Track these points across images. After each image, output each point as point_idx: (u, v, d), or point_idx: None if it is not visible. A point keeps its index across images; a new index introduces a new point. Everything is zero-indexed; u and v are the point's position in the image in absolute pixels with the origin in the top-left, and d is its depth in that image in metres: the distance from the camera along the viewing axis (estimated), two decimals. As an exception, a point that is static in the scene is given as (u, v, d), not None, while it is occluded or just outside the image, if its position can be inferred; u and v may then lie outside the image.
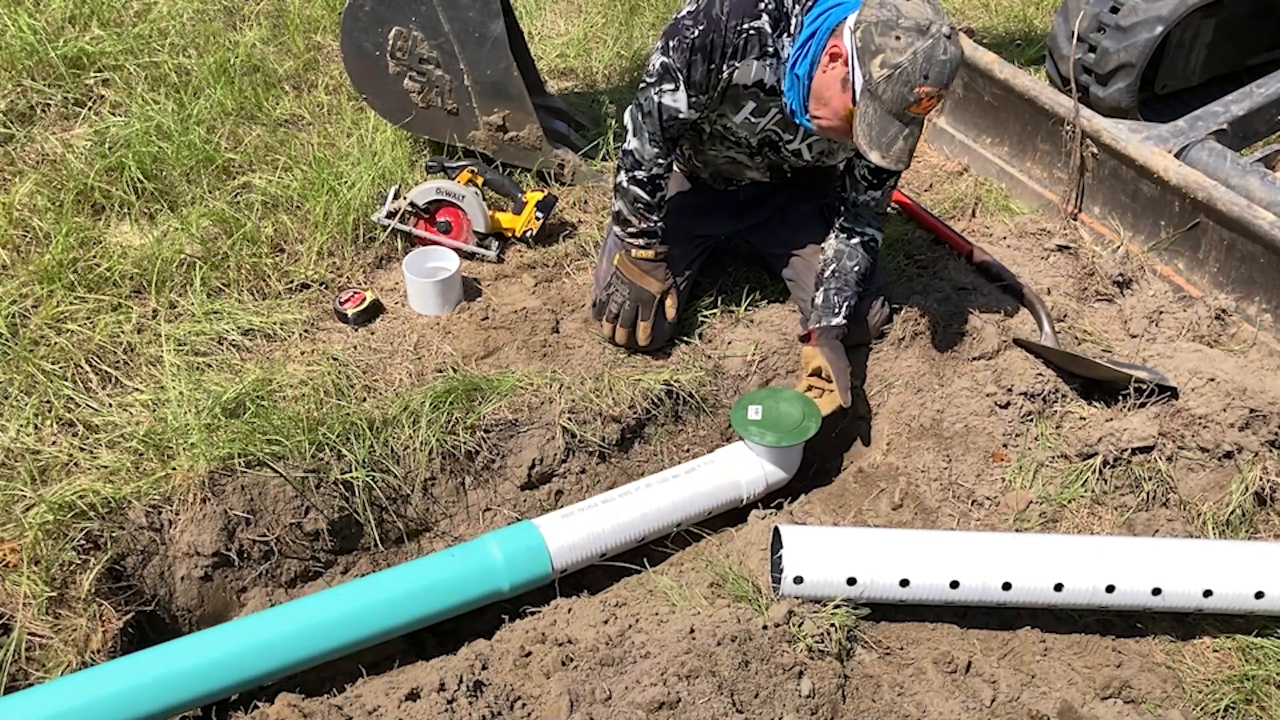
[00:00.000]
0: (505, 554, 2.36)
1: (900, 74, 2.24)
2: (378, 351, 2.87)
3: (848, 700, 2.17)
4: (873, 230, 2.81)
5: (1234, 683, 2.26)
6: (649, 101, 2.61)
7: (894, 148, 2.32)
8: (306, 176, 3.28)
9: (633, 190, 2.74)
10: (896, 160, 2.34)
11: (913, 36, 2.22)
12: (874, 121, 2.31)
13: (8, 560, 2.22)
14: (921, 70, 2.22)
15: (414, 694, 2.12)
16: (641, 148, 2.68)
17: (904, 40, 2.22)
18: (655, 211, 2.77)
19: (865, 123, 2.32)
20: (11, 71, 3.60)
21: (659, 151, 2.67)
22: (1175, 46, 3.52)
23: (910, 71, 2.23)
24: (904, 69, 2.23)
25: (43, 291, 2.83)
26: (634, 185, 2.73)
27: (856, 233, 2.80)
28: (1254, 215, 2.84)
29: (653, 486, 2.56)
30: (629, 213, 2.77)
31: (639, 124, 2.67)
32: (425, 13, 3.13)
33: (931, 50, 2.22)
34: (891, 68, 2.24)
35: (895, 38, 2.23)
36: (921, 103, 2.26)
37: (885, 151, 2.32)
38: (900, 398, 2.86)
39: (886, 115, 2.30)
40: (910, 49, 2.22)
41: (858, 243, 2.79)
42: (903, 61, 2.23)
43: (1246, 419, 2.51)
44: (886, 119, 2.30)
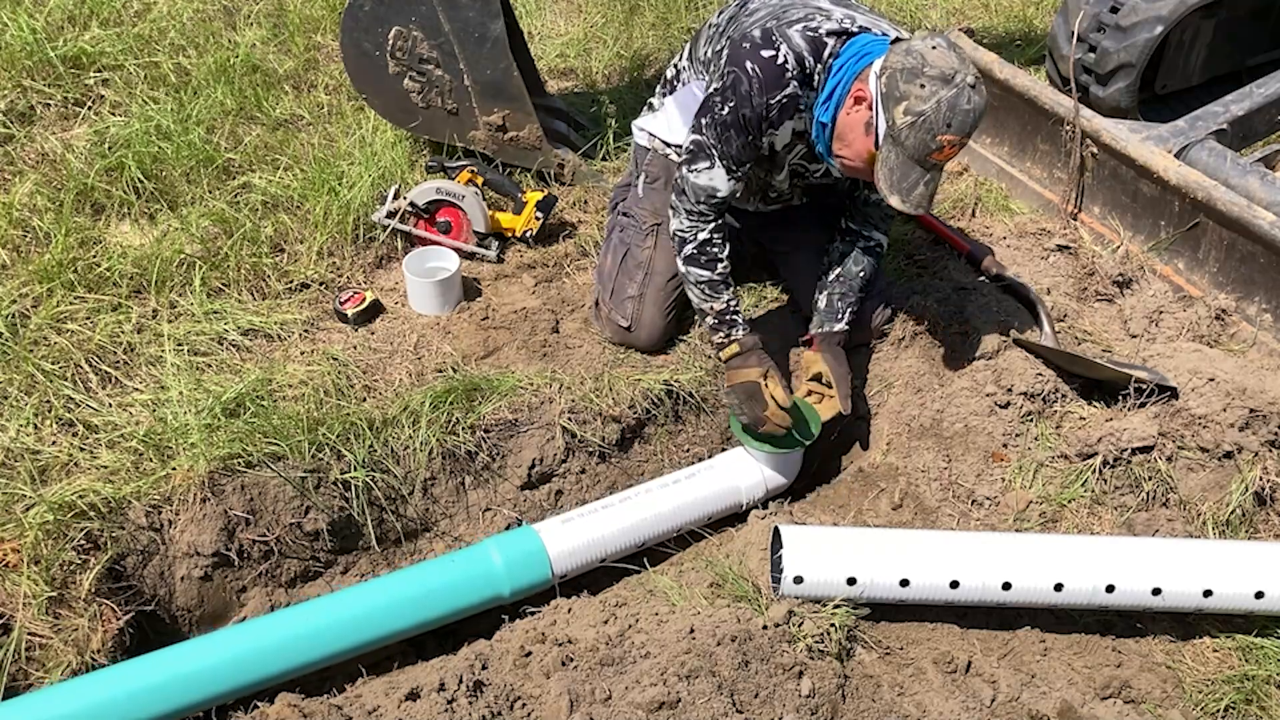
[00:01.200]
0: (506, 560, 2.37)
1: (924, 121, 2.24)
2: (378, 351, 2.87)
3: (848, 700, 2.17)
4: (879, 235, 2.81)
5: (1234, 683, 2.26)
6: (683, 180, 2.59)
7: (914, 193, 2.32)
8: (306, 176, 3.28)
9: (691, 271, 2.63)
10: (916, 206, 2.34)
11: (938, 85, 2.22)
12: (895, 167, 2.32)
13: (8, 560, 2.22)
14: (945, 119, 2.23)
15: (414, 694, 2.12)
16: (682, 225, 2.63)
17: (929, 89, 2.23)
18: (723, 289, 2.63)
19: (887, 167, 2.33)
20: (11, 71, 3.60)
21: (699, 222, 2.61)
22: (1175, 46, 3.52)
23: (934, 120, 2.23)
24: (927, 117, 2.23)
25: (43, 291, 2.83)
26: (690, 265, 2.63)
27: (862, 236, 2.79)
28: (1254, 215, 2.84)
29: (653, 492, 2.57)
30: (699, 300, 2.65)
31: (676, 205, 2.63)
32: (425, 13, 3.13)
33: (956, 99, 2.22)
34: (915, 115, 2.24)
35: (920, 85, 2.23)
36: (944, 150, 2.27)
37: (905, 197, 2.33)
38: (900, 398, 2.86)
39: (908, 161, 2.30)
40: (935, 98, 2.22)
41: (863, 247, 2.79)
42: (926, 110, 2.23)
43: (1246, 419, 2.51)
44: (908, 164, 2.30)
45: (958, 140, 2.26)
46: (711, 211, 2.60)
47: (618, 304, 2.89)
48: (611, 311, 2.89)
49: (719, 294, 2.63)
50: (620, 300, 2.89)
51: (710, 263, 2.62)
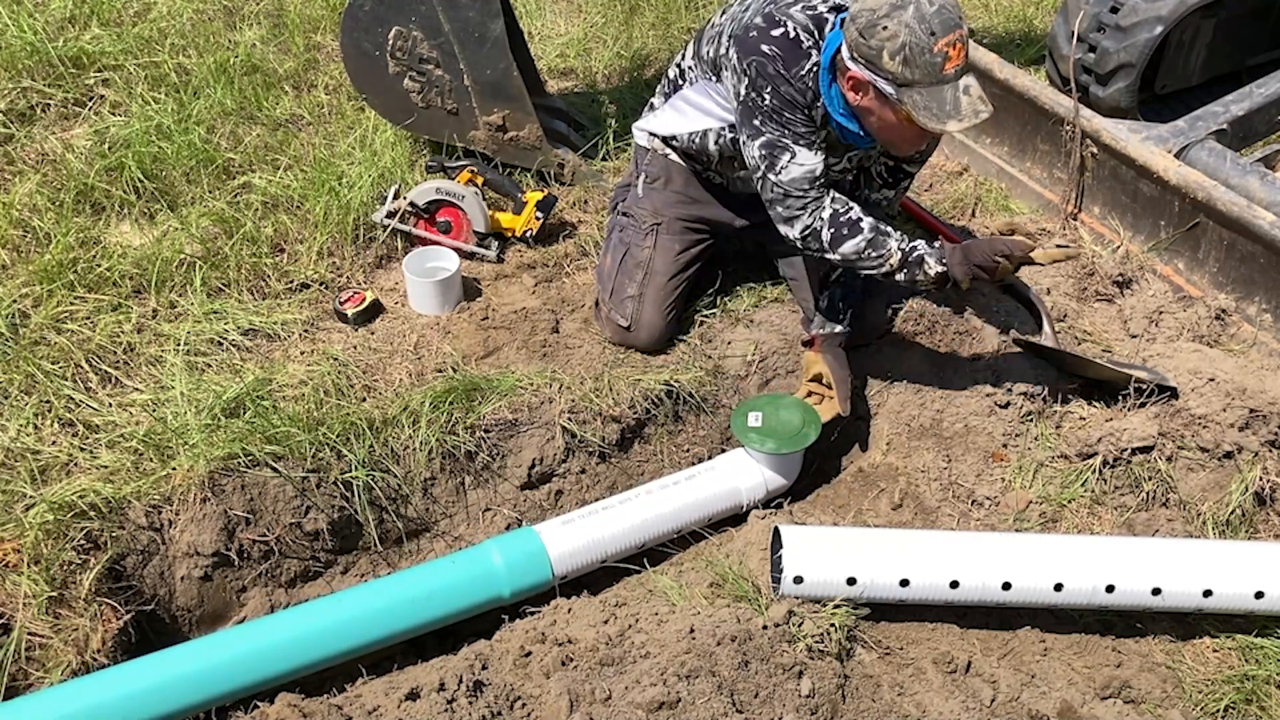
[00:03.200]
0: (506, 561, 2.37)
1: (913, 49, 2.20)
2: (378, 351, 2.87)
3: (848, 700, 2.17)
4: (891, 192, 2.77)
5: (1234, 683, 2.26)
6: (778, 187, 2.48)
7: (962, 107, 2.26)
8: (306, 176, 3.28)
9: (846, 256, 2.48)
10: (974, 114, 2.25)
11: (897, 14, 2.20)
12: (926, 102, 2.26)
13: (8, 560, 2.22)
14: (925, 31, 2.19)
15: (414, 694, 2.12)
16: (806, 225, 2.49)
17: (892, 24, 2.20)
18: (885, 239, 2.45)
19: (921, 109, 2.27)
20: (11, 71, 3.60)
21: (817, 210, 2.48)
22: (1175, 46, 3.52)
23: (918, 40, 2.20)
24: (910, 44, 2.20)
25: (43, 291, 2.83)
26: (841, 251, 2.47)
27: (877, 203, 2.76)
28: (1254, 215, 2.84)
29: (653, 493, 2.57)
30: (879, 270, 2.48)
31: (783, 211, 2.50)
32: (425, 13, 3.13)
33: (920, 11, 2.19)
34: (901, 50, 2.21)
35: (883, 28, 2.21)
36: (950, 56, 2.21)
37: (957, 114, 2.25)
38: (900, 398, 2.86)
39: (932, 88, 2.25)
40: (903, 25, 2.20)
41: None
42: (906, 38, 2.20)
43: (1246, 419, 2.51)
44: (934, 91, 2.25)
45: (954, 37, 2.20)
46: (823, 187, 2.49)
47: (617, 304, 2.89)
48: (611, 311, 2.89)
49: (885, 247, 2.46)
50: (620, 300, 2.89)
51: (852, 229, 2.46)
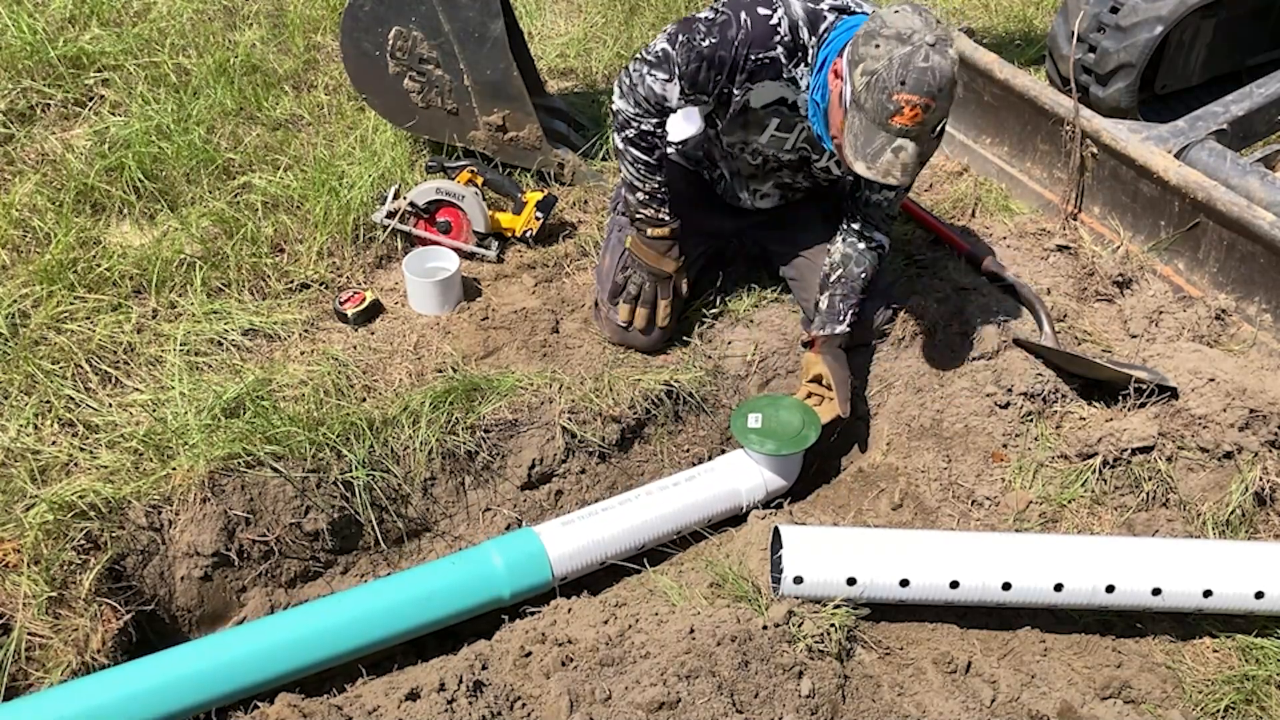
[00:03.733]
0: (506, 562, 2.37)
1: (878, 81, 2.20)
2: (378, 351, 2.87)
3: (848, 700, 2.17)
4: (880, 235, 2.79)
5: (1234, 683, 2.26)
6: (639, 76, 2.54)
7: (880, 159, 2.26)
8: (306, 176, 3.28)
9: (629, 151, 2.65)
10: (884, 173, 2.27)
11: (893, 44, 2.19)
12: (859, 132, 2.27)
13: (8, 560, 2.22)
14: (898, 76, 2.17)
15: (414, 694, 2.12)
16: (626, 109, 2.61)
17: (883, 48, 2.20)
18: (656, 172, 2.67)
19: (852, 133, 2.29)
20: (11, 71, 3.60)
21: (642, 113, 2.59)
22: (1175, 46, 3.52)
23: (886, 79, 2.18)
24: (880, 75, 2.19)
25: (43, 291, 2.83)
26: (629, 145, 2.65)
27: (864, 237, 2.77)
28: (1254, 215, 2.84)
29: (653, 494, 2.57)
30: (632, 176, 2.69)
31: (625, 90, 2.59)
32: (425, 13, 3.13)
33: (910, 57, 2.17)
34: (870, 75, 2.21)
35: (875, 46, 2.21)
36: (904, 112, 2.20)
37: (871, 163, 2.27)
38: (900, 398, 2.86)
39: (871, 125, 2.26)
40: (888, 56, 2.19)
41: (864, 248, 2.77)
42: (879, 69, 2.19)
43: (1246, 419, 2.51)
44: (871, 129, 2.26)
45: (917, 101, 2.18)
46: (659, 113, 2.59)
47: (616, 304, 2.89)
48: (610, 311, 2.89)
49: (654, 175, 2.67)
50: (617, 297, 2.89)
51: (649, 149, 2.63)
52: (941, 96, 2.21)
